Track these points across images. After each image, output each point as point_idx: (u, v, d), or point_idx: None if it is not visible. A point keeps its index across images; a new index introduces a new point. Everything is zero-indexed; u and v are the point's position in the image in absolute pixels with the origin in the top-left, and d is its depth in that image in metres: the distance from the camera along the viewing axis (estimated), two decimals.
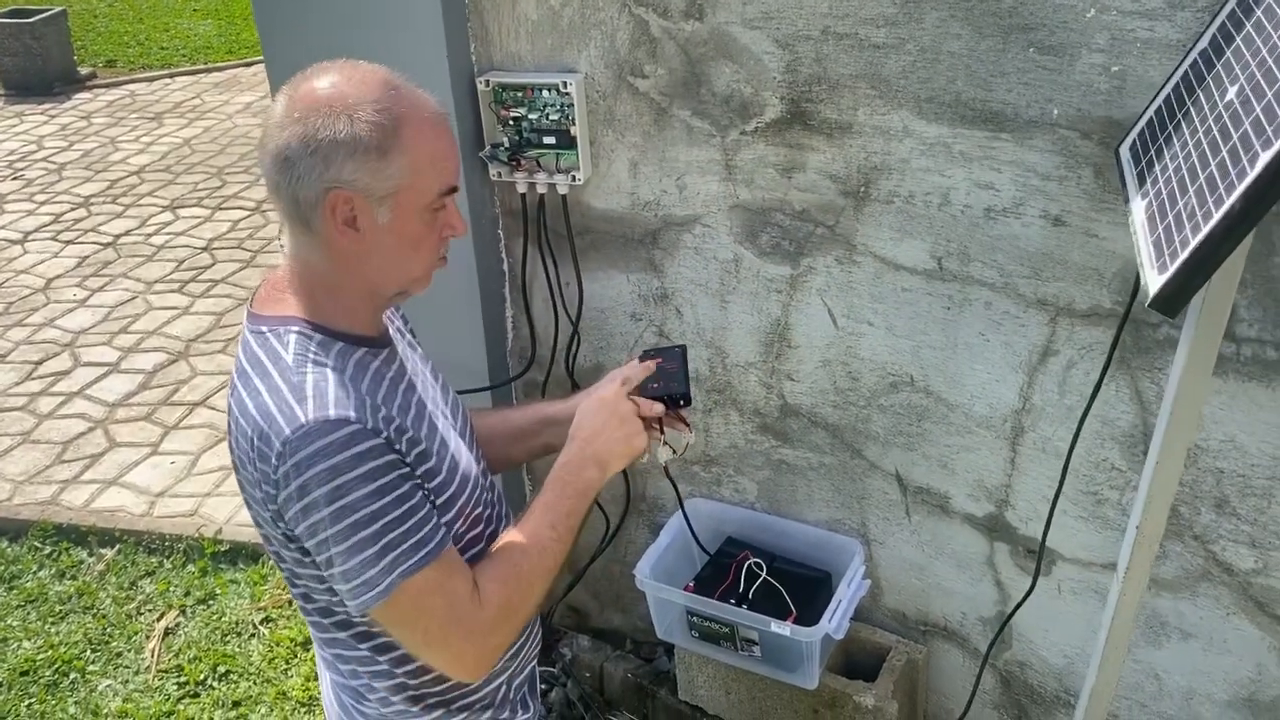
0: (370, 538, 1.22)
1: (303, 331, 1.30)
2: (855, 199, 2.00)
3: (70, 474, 3.79)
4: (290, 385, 1.23)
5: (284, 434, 1.20)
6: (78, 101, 8.10)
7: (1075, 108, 1.73)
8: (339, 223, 1.25)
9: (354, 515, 1.21)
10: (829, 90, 1.94)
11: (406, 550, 1.24)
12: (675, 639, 2.37)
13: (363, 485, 1.21)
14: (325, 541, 1.22)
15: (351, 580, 1.23)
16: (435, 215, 1.31)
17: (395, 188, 1.25)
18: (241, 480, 1.34)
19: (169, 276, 5.26)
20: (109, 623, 3.08)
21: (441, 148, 1.29)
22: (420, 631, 1.29)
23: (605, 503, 2.64)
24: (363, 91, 1.24)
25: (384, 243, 1.28)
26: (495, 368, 2.47)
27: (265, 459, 1.22)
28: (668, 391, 1.54)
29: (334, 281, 1.31)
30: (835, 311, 2.12)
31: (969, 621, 2.27)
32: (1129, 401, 1.87)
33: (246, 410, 1.26)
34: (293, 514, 1.23)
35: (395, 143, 1.23)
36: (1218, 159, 1.19)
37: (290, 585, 1.43)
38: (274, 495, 1.23)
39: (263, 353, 1.29)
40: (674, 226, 2.22)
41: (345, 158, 1.22)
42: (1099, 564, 2.03)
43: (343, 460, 1.20)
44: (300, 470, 1.19)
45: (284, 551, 1.34)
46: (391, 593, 1.23)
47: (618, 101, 2.15)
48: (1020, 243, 1.87)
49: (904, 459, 2.19)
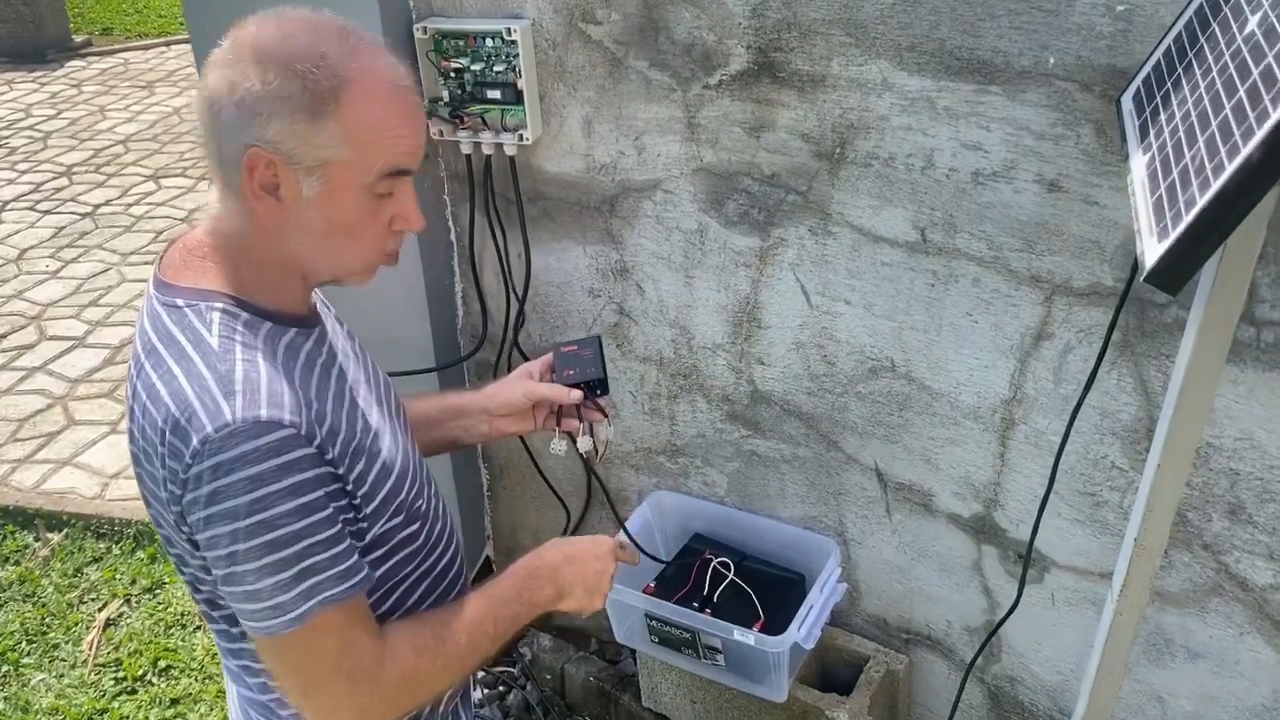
0: (288, 560, 1.07)
1: (227, 309, 1.13)
2: (830, 161, 1.79)
3: (23, 453, 3.62)
4: (216, 374, 1.07)
5: (204, 430, 1.04)
6: (70, 69, 7.93)
7: (1074, 55, 1.51)
8: (256, 186, 1.10)
9: (273, 533, 1.06)
10: (800, 37, 1.72)
11: (330, 579, 1.10)
12: (635, 643, 2.18)
13: (287, 500, 1.06)
14: (232, 556, 1.07)
15: (260, 602, 1.08)
16: (379, 201, 1.14)
17: (325, 159, 1.09)
18: (141, 474, 1.16)
19: (146, 248, 5.09)
20: (49, 612, 2.91)
21: (391, 122, 1.12)
22: (303, 675, 1.14)
23: (566, 495, 2.44)
24: (308, 41, 1.08)
25: (310, 220, 1.13)
26: (443, 347, 2.27)
27: (176, 455, 1.06)
28: (584, 378, 1.48)
29: (259, 254, 1.16)
30: (809, 288, 1.91)
31: (954, 630, 2.06)
32: (1132, 392, 1.65)
33: (157, 395, 1.08)
34: (196, 519, 1.07)
35: (331, 108, 1.07)
36: (1234, 101, 0.97)
37: (192, 591, 1.25)
38: (179, 496, 1.07)
39: (178, 330, 1.11)
40: (633, 192, 2.01)
41: (271, 114, 1.06)
42: (1096, 573, 1.82)
43: (268, 469, 1.05)
44: (217, 474, 1.04)
45: (187, 556, 1.17)
46: (306, 621, 1.09)
47: (569, 51, 1.93)
48: (1012, 211, 1.65)
49: (884, 452, 1.98)
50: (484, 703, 2.53)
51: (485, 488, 2.57)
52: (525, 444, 2.38)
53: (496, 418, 1.55)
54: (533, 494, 2.50)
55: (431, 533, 1.35)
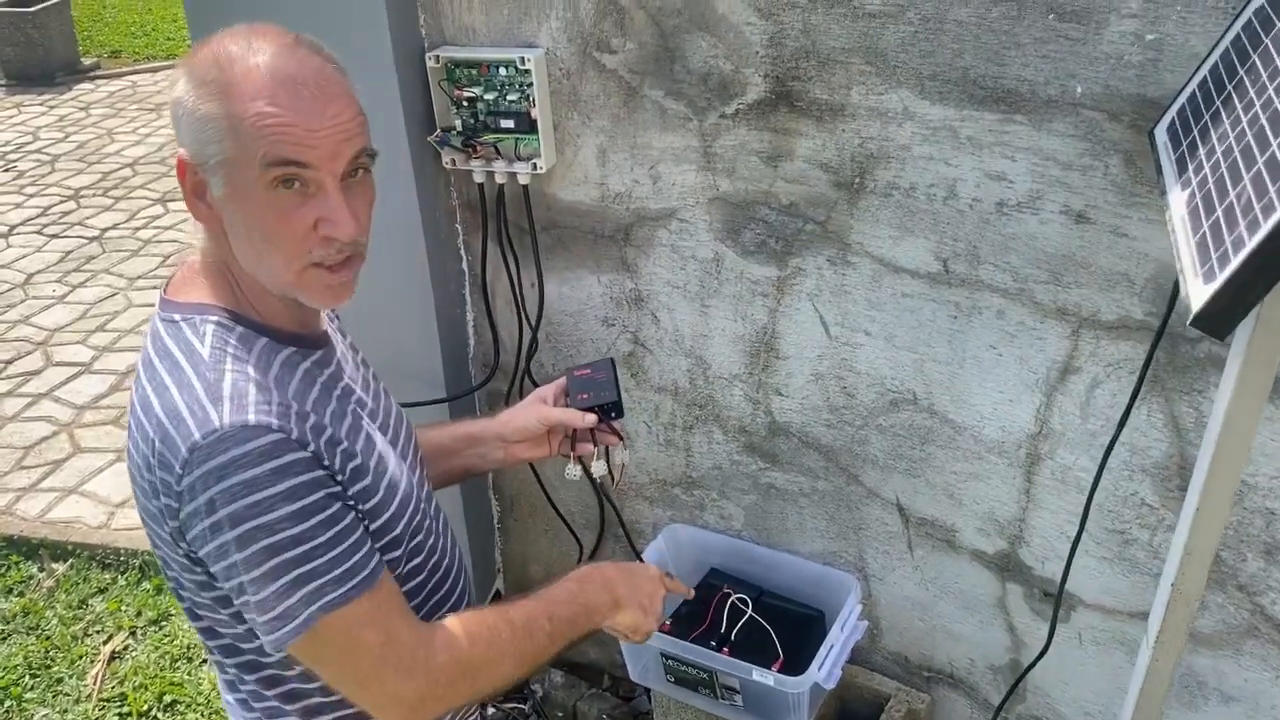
0: (288, 563, 1.06)
1: (222, 322, 1.14)
2: (849, 191, 1.75)
3: (29, 481, 3.58)
4: (205, 383, 1.07)
5: (193, 438, 1.03)
6: (79, 92, 7.94)
7: (1102, 84, 1.48)
8: (188, 192, 1.12)
9: (271, 538, 1.04)
10: (818, 66, 1.69)
11: (333, 580, 1.08)
12: (651, 683, 2.13)
13: (284, 504, 1.05)
14: (235, 566, 1.05)
15: (267, 612, 1.07)
16: (286, 198, 1.08)
17: (220, 154, 1.06)
18: (136, 491, 1.14)
19: (153, 272, 5.06)
20: (53, 645, 2.87)
21: (272, 110, 1.05)
22: (351, 670, 1.13)
23: (579, 527, 2.40)
24: (221, 44, 1.08)
25: (234, 224, 1.11)
26: (455, 377, 2.24)
27: (167, 466, 1.05)
28: (598, 402, 1.49)
29: (232, 267, 1.16)
30: (828, 319, 1.87)
31: (977, 669, 2.01)
32: (1162, 428, 1.61)
33: (150, 408, 1.09)
34: (198, 532, 1.05)
35: (214, 96, 1.05)
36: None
37: (191, 619, 1.22)
38: (175, 509, 1.06)
39: (174, 344, 1.12)
40: (648, 221, 1.97)
41: (181, 118, 1.08)
42: (1125, 612, 1.77)
43: (262, 474, 1.04)
44: (209, 482, 1.03)
45: (184, 578, 1.15)
46: (311, 626, 1.07)
47: (583, 80, 1.90)
48: (1037, 242, 1.62)
49: (906, 486, 1.93)
50: None
51: (496, 520, 2.53)
52: (537, 474, 2.34)
53: (512, 444, 1.54)
54: (544, 526, 2.46)
55: (436, 569, 1.31)
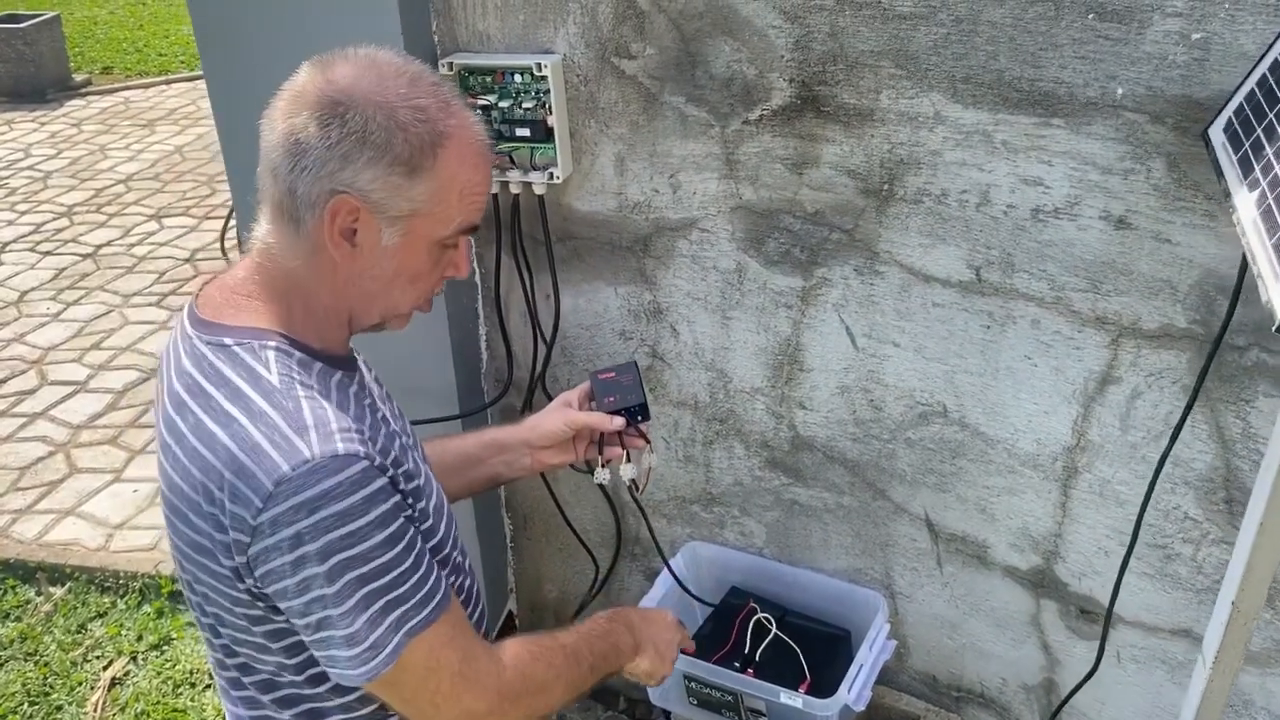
0: (378, 591, 1.05)
1: (281, 347, 1.11)
2: (878, 198, 1.70)
3: (25, 503, 3.50)
4: (283, 412, 1.04)
5: (279, 471, 1.01)
6: (71, 108, 7.86)
7: (1145, 86, 1.43)
8: (335, 232, 1.08)
9: (364, 568, 1.04)
10: (846, 70, 1.64)
11: (417, 604, 1.08)
12: (671, 706, 2.07)
13: (375, 532, 1.04)
14: (320, 600, 1.03)
15: (357, 645, 1.05)
16: (444, 252, 1.15)
17: (412, 211, 1.09)
18: (179, 523, 1.09)
19: (148, 289, 4.99)
20: (51, 671, 2.79)
21: (478, 180, 1.13)
22: (430, 691, 1.12)
23: (595, 546, 2.34)
24: (408, 92, 1.07)
25: (381, 267, 1.12)
26: (467, 393, 2.18)
27: (242, 500, 1.02)
28: (624, 405, 1.48)
29: (310, 294, 1.14)
30: (854, 330, 1.82)
31: (1009, 689, 1.96)
32: (1207, 439, 1.56)
33: (214, 440, 1.04)
34: (275, 567, 1.03)
35: (429, 163, 1.07)
36: None
37: (221, 659, 1.18)
38: (245, 544, 1.03)
39: (230, 369, 1.08)
40: (667, 231, 1.92)
41: (367, 163, 1.05)
42: (1166, 629, 1.72)
43: (355, 504, 1.03)
44: (298, 515, 1.00)
45: (227, 614, 1.11)
46: (400, 654, 1.07)
47: (601, 87, 1.85)
48: (1075, 249, 1.57)
49: (935, 501, 1.88)
50: None
51: (509, 539, 2.46)
52: (551, 491, 2.28)
53: (538, 450, 1.52)
54: (559, 545, 2.40)
55: (461, 589, 1.29)
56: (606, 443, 1.52)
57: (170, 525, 1.14)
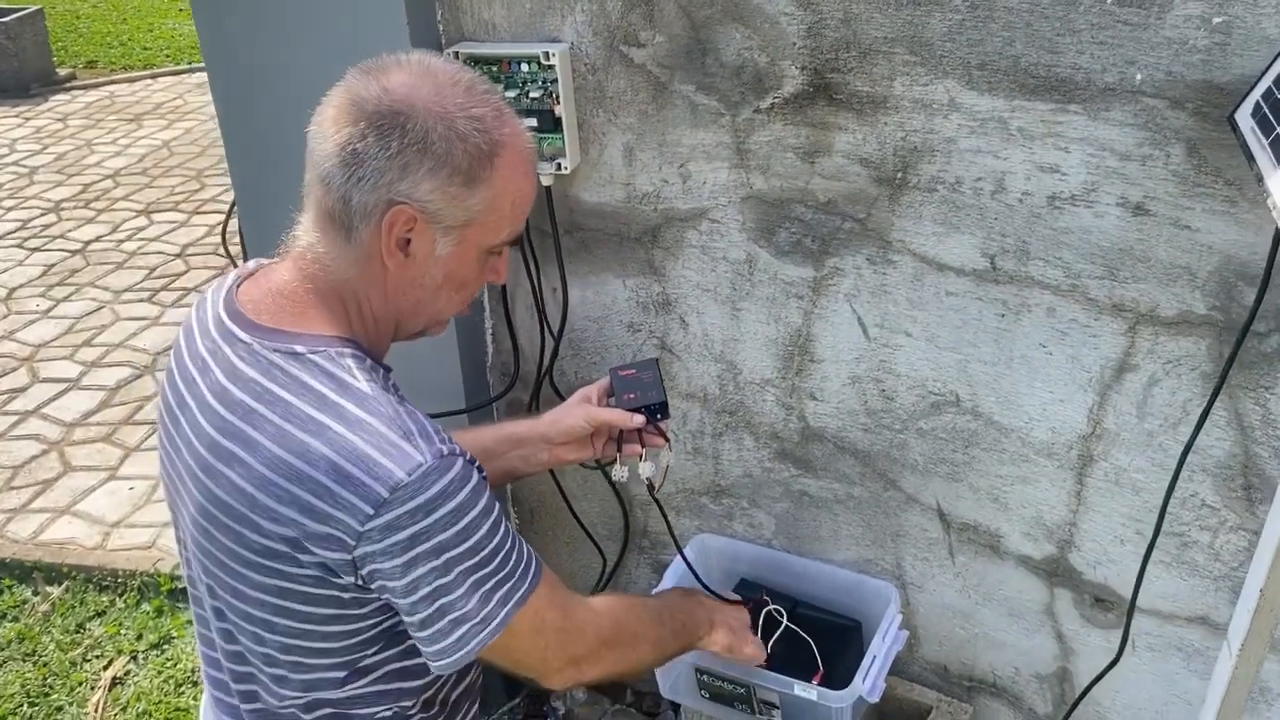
0: (489, 575, 1.10)
1: (356, 354, 1.12)
2: (891, 187, 1.69)
3: (19, 502, 3.47)
4: (384, 418, 1.06)
5: (394, 477, 1.03)
6: (55, 103, 7.80)
7: (1164, 71, 1.42)
8: (391, 241, 1.10)
9: (476, 557, 1.09)
10: (859, 57, 1.63)
11: (520, 576, 1.14)
12: (682, 698, 2.06)
13: (483, 521, 1.09)
14: (435, 591, 1.07)
15: (465, 623, 1.10)
16: (489, 259, 1.19)
17: (468, 220, 1.12)
18: (235, 529, 1.09)
19: (139, 285, 4.95)
20: (50, 671, 2.77)
21: (528, 189, 1.17)
22: (538, 650, 1.20)
23: (602, 539, 2.32)
24: (465, 101, 1.08)
25: (431, 275, 1.15)
26: (473, 387, 2.16)
27: (348, 507, 1.03)
28: (645, 402, 1.48)
29: (362, 301, 1.16)
30: (866, 320, 1.81)
31: (1022, 678, 1.95)
32: (1225, 426, 1.55)
33: (306, 449, 1.04)
34: (388, 567, 1.05)
35: (486, 172, 1.10)
36: None
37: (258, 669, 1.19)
38: (349, 545, 1.04)
39: (310, 377, 1.08)
40: (677, 222, 1.91)
41: (427, 174, 1.07)
42: (1183, 616, 1.72)
43: (465, 498, 1.07)
44: (417, 516, 1.04)
45: (283, 620, 1.12)
46: (508, 624, 1.12)
47: (609, 76, 1.83)
48: (1092, 236, 1.56)
49: (947, 491, 1.87)
50: None
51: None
52: (559, 484, 2.27)
53: (556, 445, 1.52)
54: (565, 538, 2.38)
55: None
56: (625, 440, 1.50)
57: (208, 534, 1.12)
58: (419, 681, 1.22)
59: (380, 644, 1.17)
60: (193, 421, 1.13)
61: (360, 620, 1.13)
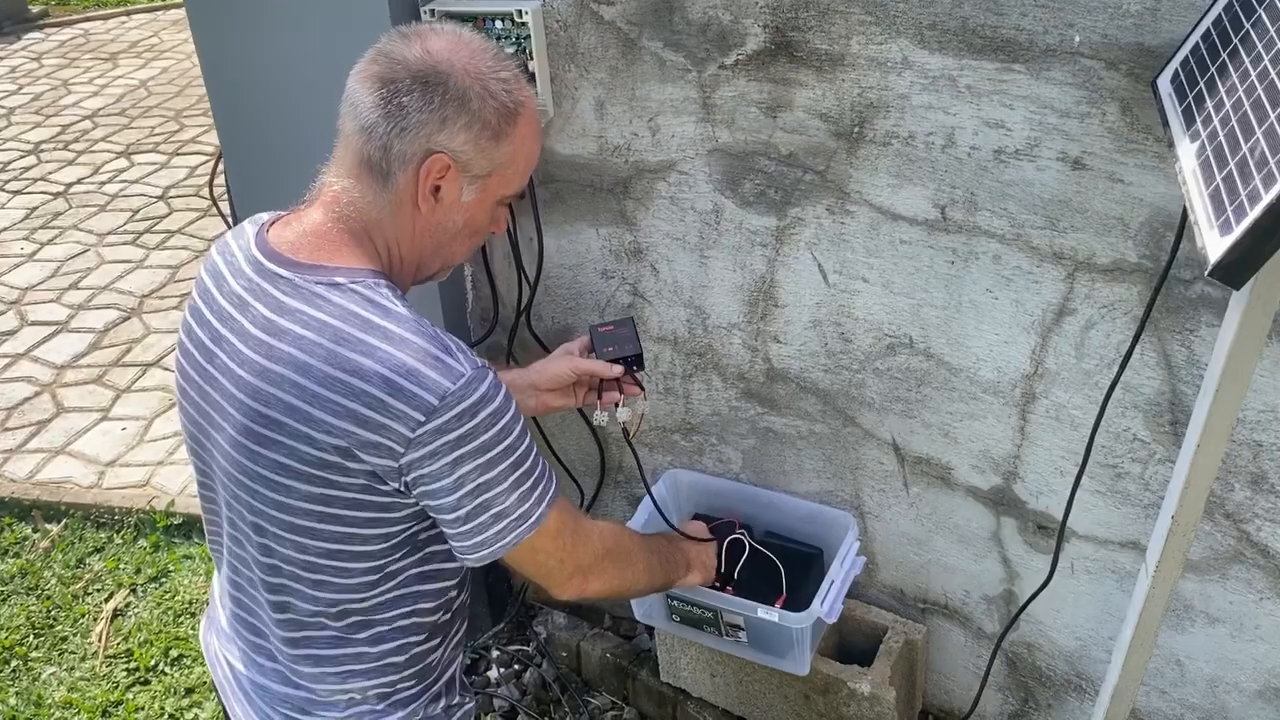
0: (527, 472, 1.25)
1: (389, 284, 1.25)
2: (848, 141, 1.78)
3: (14, 443, 3.57)
4: (427, 337, 1.19)
5: (442, 386, 1.16)
6: (29, 42, 7.73)
7: (1100, 33, 1.51)
8: (426, 187, 1.24)
9: (516, 453, 1.23)
10: (818, 17, 1.71)
11: (548, 479, 1.29)
12: (655, 622, 2.19)
13: (515, 424, 1.23)
14: (480, 486, 1.21)
15: (505, 518, 1.24)
16: (497, 210, 1.34)
17: (491, 170, 1.26)
18: (286, 444, 1.20)
19: (123, 227, 5.00)
20: (54, 604, 2.89)
21: (537, 148, 1.34)
22: (559, 549, 1.34)
23: (580, 474, 2.45)
24: (494, 65, 1.24)
25: (454, 220, 1.29)
26: (453, 332, 2.24)
27: (400, 416, 1.16)
28: (622, 354, 1.64)
29: (391, 243, 1.28)
30: (826, 267, 1.91)
31: (972, 600, 2.10)
32: (1155, 366, 1.67)
33: (360, 367, 1.16)
34: (436, 468, 1.19)
35: (511, 129, 1.25)
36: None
37: (296, 575, 1.29)
38: (398, 453, 1.17)
39: (354, 304, 1.20)
40: (647, 174, 1.99)
41: (463, 127, 1.21)
42: (1116, 542, 1.85)
43: (501, 403, 1.21)
44: (463, 420, 1.17)
45: (327, 525, 1.24)
46: (543, 521, 1.28)
47: (580, 32, 1.91)
48: (1034, 189, 1.66)
49: (902, 427, 1.99)
50: (501, 681, 2.55)
51: None
52: (538, 423, 2.38)
53: (543, 392, 1.70)
54: None
55: None
56: (604, 389, 1.66)
57: (253, 454, 1.23)
58: (434, 586, 1.36)
59: (406, 549, 1.29)
60: (234, 352, 1.24)
61: (393, 525, 1.26)
